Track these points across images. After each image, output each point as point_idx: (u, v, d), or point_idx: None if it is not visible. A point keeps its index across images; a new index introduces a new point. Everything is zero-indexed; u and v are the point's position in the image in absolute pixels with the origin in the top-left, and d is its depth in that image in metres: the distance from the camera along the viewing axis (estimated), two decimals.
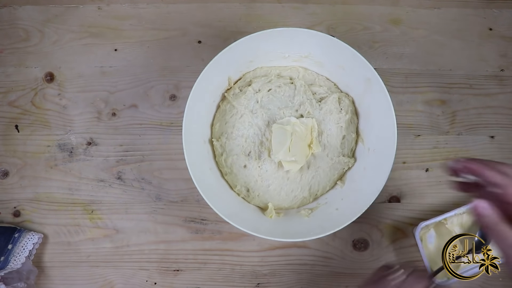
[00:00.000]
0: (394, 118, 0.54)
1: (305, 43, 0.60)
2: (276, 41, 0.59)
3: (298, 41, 0.59)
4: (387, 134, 0.56)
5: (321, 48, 0.60)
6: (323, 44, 0.58)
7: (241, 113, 0.61)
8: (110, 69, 0.70)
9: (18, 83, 0.70)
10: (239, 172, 0.61)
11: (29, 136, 0.68)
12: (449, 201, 0.66)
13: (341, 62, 0.60)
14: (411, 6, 0.74)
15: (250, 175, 0.61)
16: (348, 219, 0.53)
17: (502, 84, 0.71)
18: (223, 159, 0.61)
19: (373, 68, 0.56)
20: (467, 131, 0.69)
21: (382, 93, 0.55)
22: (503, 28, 0.73)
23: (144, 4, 0.73)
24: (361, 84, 0.59)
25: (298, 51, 0.62)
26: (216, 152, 0.62)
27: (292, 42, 0.60)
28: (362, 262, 0.64)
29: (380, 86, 0.56)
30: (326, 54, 0.60)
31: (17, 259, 0.60)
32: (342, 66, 0.61)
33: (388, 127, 0.55)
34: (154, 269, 0.64)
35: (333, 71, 0.63)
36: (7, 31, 0.72)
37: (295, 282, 0.64)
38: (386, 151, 0.55)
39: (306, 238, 0.53)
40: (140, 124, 0.68)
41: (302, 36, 0.58)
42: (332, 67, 0.62)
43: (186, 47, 0.71)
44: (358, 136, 0.63)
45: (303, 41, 0.59)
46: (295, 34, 0.58)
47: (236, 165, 0.61)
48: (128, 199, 0.66)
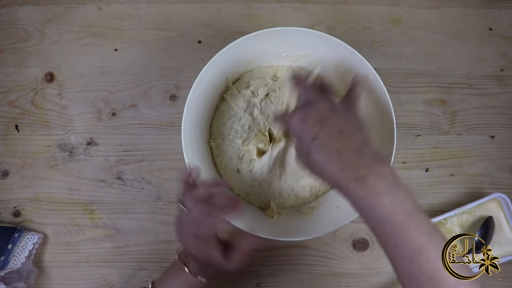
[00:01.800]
0: (393, 116, 0.54)
1: (302, 42, 0.60)
2: (273, 40, 0.59)
3: (295, 40, 0.59)
4: (386, 133, 0.56)
5: (319, 46, 0.59)
6: (320, 43, 0.58)
7: (240, 115, 0.61)
8: (110, 69, 0.70)
9: (18, 83, 0.70)
10: (233, 176, 0.60)
11: (29, 136, 0.68)
12: (449, 201, 0.66)
13: (339, 61, 0.60)
14: (411, 6, 0.74)
15: (244, 180, 0.60)
16: (349, 218, 0.53)
17: (502, 84, 0.71)
18: (219, 161, 0.61)
19: (370, 65, 0.56)
20: (467, 131, 0.69)
21: (381, 91, 0.55)
22: (503, 28, 0.73)
23: (144, 4, 0.73)
24: None
25: (296, 50, 0.62)
26: (214, 153, 0.62)
27: (289, 42, 0.60)
28: (362, 262, 0.64)
29: (378, 84, 0.55)
30: (323, 52, 0.60)
31: (17, 259, 0.60)
32: (339, 64, 0.60)
33: (388, 126, 0.55)
34: (154, 269, 0.64)
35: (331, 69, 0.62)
36: (7, 31, 0.72)
37: (295, 282, 0.64)
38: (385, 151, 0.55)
39: (307, 237, 0.53)
40: (140, 124, 0.68)
41: (299, 35, 0.58)
42: (330, 66, 0.62)
43: (186, 47, 0.71)
44: None
45: (300, 40, 0.59)
46: (291, 33, 0.58)
47: (230, 168, 0.60)
48: (128, 199, 0.66)
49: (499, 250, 0.62)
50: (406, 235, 0.36)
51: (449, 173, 0.67)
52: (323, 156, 0.40)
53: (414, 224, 0.36)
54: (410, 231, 0.36)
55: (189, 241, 0.47)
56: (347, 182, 0.38)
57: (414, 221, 0.36)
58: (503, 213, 0.62)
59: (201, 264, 0.49)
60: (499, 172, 0.67)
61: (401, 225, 0.36)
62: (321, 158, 0.40)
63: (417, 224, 0.36)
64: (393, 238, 0.36)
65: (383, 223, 0.37)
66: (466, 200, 0.64)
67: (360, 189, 0.38)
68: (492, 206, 0.63)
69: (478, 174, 0.67)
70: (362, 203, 0.38)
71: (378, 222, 0.37)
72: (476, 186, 0.67)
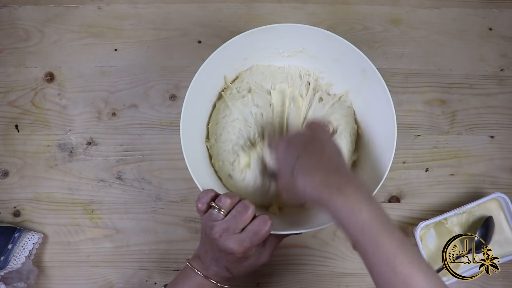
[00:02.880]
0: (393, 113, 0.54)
1: (298, 38, 0.59)
2: (270, 37, 0.59)
3: (291, 36, 0.59)
4: (386, 133, 0.55)
5: (315, 42, 0.59)
6: (317, 38, 0.58)
7: (235, 117, 0.59)
8: (110, 69, 0.70)
9: (18, 83, 0.70)
10: (227, 181, 0.59)
11: (29, 136, 0.68)
12: (449, 201, 0.66)
13: (336, 56, 0.60)
14: (411, 6, 0.74)
15: (237, 188, 0.58)
16: None
17: (502, 84, 0.71)
18: (213, 162, 0.60)
19: (367, 58, 0.55)
20: (467, 131, 0.69)
21: (380, 85, 0.55)
22: (503, 28, 0.73)
23: (144, 4, 0.73)
24: (357, 76, 0.59)
25: (293, 46, 0.61)
26: (210, 153, 0.61)
27: (285, 38, 0.59)
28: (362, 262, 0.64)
29: (376, 77, 0.55)
30: (320, 48, 0.60)
31: (17, 259, 0.60)
32: (337, 59, 0.60)
33: (387, 125, 0.55)
34: (154, 269, 0.64)
35: (328, 64, 0.62)
36: (7, 31, 0.72)
37: (295, 282, 0.64)
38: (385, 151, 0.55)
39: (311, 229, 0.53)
40: (140, 124, 0.68)
41: (295, 31, 0.58)
42: (327, 61, 0.62)
43: (186, 47, 0.71)
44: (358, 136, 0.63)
45: (297, 36, 0.59)
46: (287, 30, 0.58)
47: (223, 171, 0.59)
48: (128, 199, 0.66)
49: (499, 250, 0.61)
50: (382, 242, 0.39)
51: (449, 173, 0.67)
52: (306, 172, 0.45)
53: (389, 232, 0.39)
54: (386, 238, 0.39)
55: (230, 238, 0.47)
56: (328, 195, 0.42)
57: (389, 230, 0.39)
58: (503, 213, 0.62)
59: (231, 262, 0.49)
60: (499, 172, 0.67)
61: (378, 232, 0.39)
62: (304, 174, 0.45)
63: (391, 232, 0.39)
64: (370, 245, 0.39)
65: (361, 230, 0.40)
66: (466, 200, 0.64)
67: (340, 198, 0.41)
68: (492, 206, 0.63)
69: (478, 174, 0.67)
70: (342, 212, 0.41)
71: (356, 229, 0.40)
72: (476, 186, 0.67)
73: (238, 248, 0.46)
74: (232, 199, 0.48)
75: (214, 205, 0.48)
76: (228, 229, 0.47)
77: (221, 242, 0.46)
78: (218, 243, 0.47)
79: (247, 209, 0.47)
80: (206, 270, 0.50)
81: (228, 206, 0.48)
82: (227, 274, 0.51)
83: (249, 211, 0.47)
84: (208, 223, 0.48)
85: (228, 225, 0.47)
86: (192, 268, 0.50)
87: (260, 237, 0.47)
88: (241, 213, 0.47)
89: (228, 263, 0.49)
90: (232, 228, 0.47)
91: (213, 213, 0.47)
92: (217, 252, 0.49)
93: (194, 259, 0.52)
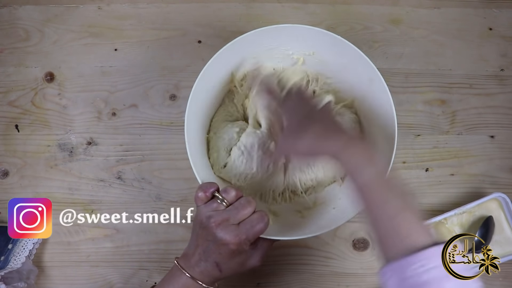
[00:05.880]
0: (395, 118, 0.54)
1: (309, 41, 0.59)
2: (280, 38, 0.59)
3: (302, 38, 0.59)
4: (387, 133, 0.56)
5: (326, 46, 0.59)
6: (328, 43, 0.58)
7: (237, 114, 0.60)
8: (110, 69, 0.70)
9: (18, 83, 0.70)
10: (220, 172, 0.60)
11: (29, 136, 0.68)
12: (449, 201, 0.66)
13: (345, 62, 0.60)
14: (411, 6, 0.74)
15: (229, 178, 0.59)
16: (345, 218, 0.53)
17: (502, 84, 0.71)
18: (210, 154, 0.61)
19: (376, 69, 0.55)
20: (467, 131, 0.69)
21: (384, 94, 0.55)
22: (503, 28, 0.73)
23: (144, 4, 0.73)
24: (364, 84, 0.59)
25: (303, 49, 0.61)
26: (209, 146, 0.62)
27: (296, 40, 0.59)
28: (362, 262, 0.64)
29: (382, 87, 0.55)
30: (331, 53, 0.60)
31: (17, 259, 0.60)
32: (346, 66, 0.60)
33: (389, 127, 0.55)
34: (154, 269, 0.64)
35: (337, 70, 0.62)
36: (7, 31, 0.72)
37: (295, 282, 0.64)
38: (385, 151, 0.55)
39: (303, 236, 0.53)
40: (140, 124, 0.68)
41: (307, 33, 0.57)
42: (336, 66, 0.62)
43: (186, 47, 0.71)
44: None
45: (308, 39, 0.59)
46: (299, 31, 0.57)
47: (218, 162, 0.59)
48: (128, 199, 0.66)
49: (499, 250, 0.62)
50: (388, 197, 0.41)
51: (449, 173, 0.67)
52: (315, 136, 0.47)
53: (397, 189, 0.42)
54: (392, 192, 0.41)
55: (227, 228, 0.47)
56: (342, 150, 0.44)
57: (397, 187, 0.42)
58: (503, 213, 0.62)
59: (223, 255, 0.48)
60: (499, 172, 0.67)
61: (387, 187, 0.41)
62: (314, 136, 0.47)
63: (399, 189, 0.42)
64: (377, 197, 0.41)
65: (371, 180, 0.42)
66: (466, 200, 0.64)
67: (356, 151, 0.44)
68: (492, 206, 0.63)
69: (478, 174, 0.67)
70: (356, 162, 0.43)
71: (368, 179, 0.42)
72: (476, 186, 0.67)
73: (233, 239, 0.47)
74: (237, 192, 0.49)
75: (218, 195, 0.49)
76: (228, 219, 0.47)
77: (217, 231, 0.47)
78: (214, 232, 0.47)
79: (250, 203, 0.48)
80: (193, 268, 0.49)
81: (232, 198, 0.49)
82: (215, 271, 0.49)
83: (251, 206, 0.49)
84: (206, 212, 0.48)
85: (229, 215, 0.48)
86: (178, 267, 0.50)
87: (256, 230, 0.48)
88: (244, 206, 0.48)
89: (219, 257, 0.49)
90: (232, 219, 0.47)
91: (215, 203, 0.49)
92: (210, 244, 0.48)
93: (182, 257, 0.51)
